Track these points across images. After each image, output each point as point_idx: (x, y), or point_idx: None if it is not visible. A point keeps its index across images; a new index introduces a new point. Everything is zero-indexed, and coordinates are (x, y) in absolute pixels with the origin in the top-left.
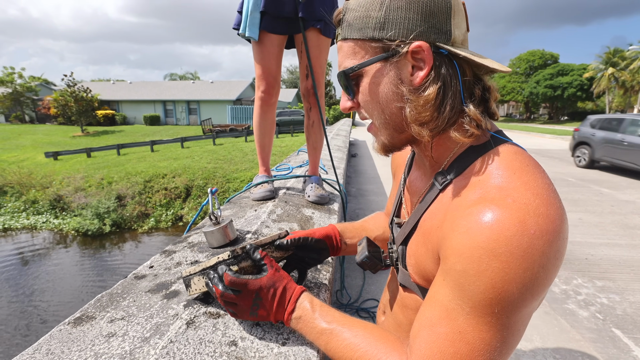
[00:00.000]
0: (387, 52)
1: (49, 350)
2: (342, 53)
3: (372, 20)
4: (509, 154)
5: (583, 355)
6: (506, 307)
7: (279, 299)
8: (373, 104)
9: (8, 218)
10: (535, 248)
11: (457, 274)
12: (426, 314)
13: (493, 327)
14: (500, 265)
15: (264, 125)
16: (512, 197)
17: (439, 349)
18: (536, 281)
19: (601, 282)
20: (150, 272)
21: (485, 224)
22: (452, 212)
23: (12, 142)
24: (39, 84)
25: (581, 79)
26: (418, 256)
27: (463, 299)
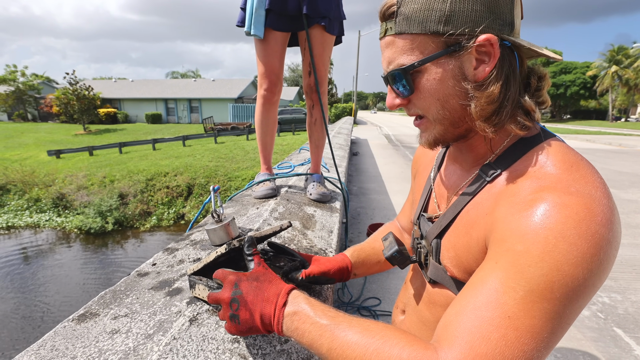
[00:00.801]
0: (452, 46)
1: (54, 346)
2: (394, 49)
3: (436, 13)
4: (562, 148)
5: (584, 354)
6: (568, 293)
7: (265, 293)
8: (432, 100)
9: (11, 216)
10: (601, 235)
11: (516, 254)
12: (467, 299)
13: (546, 314)
14: (568, 247)
15: (266, 123)
16: (575, 187)
17: (481, 334)
18: (600, 267)
19: None
20: (153, 270)
21: (553, 208)
22: (508, 198)
23: (14, 141)
24: (41, 82)
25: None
26: (458, 248)
27: (518, 282)
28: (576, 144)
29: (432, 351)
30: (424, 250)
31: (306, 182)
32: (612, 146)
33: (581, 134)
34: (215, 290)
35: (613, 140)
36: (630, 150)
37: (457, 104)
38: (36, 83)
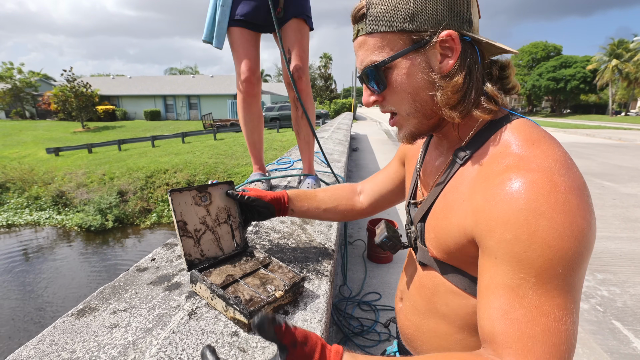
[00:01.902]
0: (418, 42)
1: (53, 341)
2: (366, 48)
3: (401, 13)
4: (525, 127)
5: (583, 347)
6: (567, 264)
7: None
8: (404, 95)
9: (11, 214)
10: (571, 202)
11: (508, 244)
12: (493, 305)
13: (563, 289)
14: (548, 223)
15: (250, 119)
16: (535, 162)
17: (526, 334)
18: (583, 232)
19: (602, 275)
20: (152, 265)
21: (520, 187)
22: (480, 184)
23: (13, 139)
24: (38, 79)
25: (584, 71)
26: (438, 230)
27: (525, 270)
28: (576, 138)
29: None
30: (413, 235)
31: (299, 185)
32: (612, 140)
33: (581, 128)
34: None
35: (613, 134)
36: (630, 145)
37: (427, 96)
38: (33, 80)
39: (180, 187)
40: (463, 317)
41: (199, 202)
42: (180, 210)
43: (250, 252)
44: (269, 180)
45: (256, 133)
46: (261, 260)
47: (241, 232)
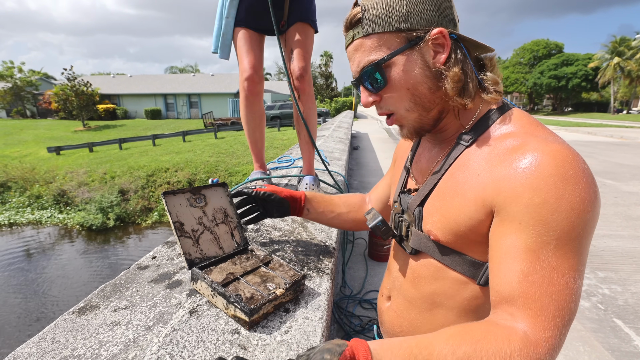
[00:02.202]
0: (413, 40)
1: (54, 338)
2: (364, 49)
3: (396, 14)
4: (524, 114)
5: (584, 345)
6: (585, 226)
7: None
8: (403, 90)
9: (13, 213)
10: (587, 170)
11: (536, 208)
12: (513, 268)
13: (577, 251)
14: (574, 187)
15: (252, 117)
16: (550, 137)
17: (545, 294)
18: (597, 198)
19: (603, 273)
20: (153, 263)
21: (546, 156)
22: (496, 158)
23: (14, 137)
24: (39, 78)
25: (586, 69)
26: (445, 209)
27: (548, 233)
28: (577, 136)
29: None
30: (405, 223)
31: (298, 185)
32: (614, 139)
33: (582, 126)
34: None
35: (615, 132)
36: (631, 143)
37: (426, 89)
38: (34, 79)
39: (173, 190)
40: (461, 302)
41: (194, 204)
42: (176, 211)
43: (251, 250)
44: (269, 179)
45: (258, 132)
46: (262, 258)
47: (240, 231)
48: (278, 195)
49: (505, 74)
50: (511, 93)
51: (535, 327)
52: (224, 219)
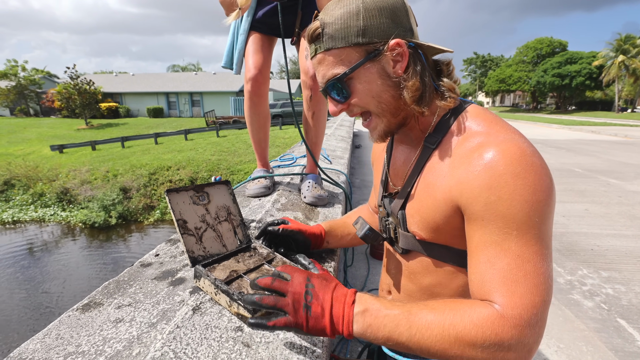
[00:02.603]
0: (371, 53)
1: (59, 335)
2: (326, 63)
3: (354, 29)
4: (479, 110)
5: (587, 345)
6: (541, 214)
7: (334, 292)
8: (369, 99)
9: (17, 211)
10: (536, 163)
11: (494, 205)
12: (482, 260)
13: (539, 238)
14: (523, 182)
15: (256, 118)
16: (502, 135)
17: (510, 279)
18: (549, 186)
19: (607, 273)
20: (156, 260)
21: (496, 156)
22: (458, 159)
23: (17, 136)
24: (42, 76)
25: (590, 67)
26: (423, 210)
27: (508, 225)
28: (581, 135)
29: (491, 309)
30: (392, 226)
31: (301, 183)
32: (618, 137)
33: (586, 125)
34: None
35: (619, 131)
36: (636, 142)
37: (390, 97)
38: (37, 78)
39: (176, 187)
40: (456, 290)
41: (197, 202)
42: (179, 209)
43: (254, 248)
44: (272, 177)
45: (262, 132)
46: (265, 256)
47: (243, 228)
48: (303, 234)
49: (508, 72)
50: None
51: (505, 306)
52: (227, 217)
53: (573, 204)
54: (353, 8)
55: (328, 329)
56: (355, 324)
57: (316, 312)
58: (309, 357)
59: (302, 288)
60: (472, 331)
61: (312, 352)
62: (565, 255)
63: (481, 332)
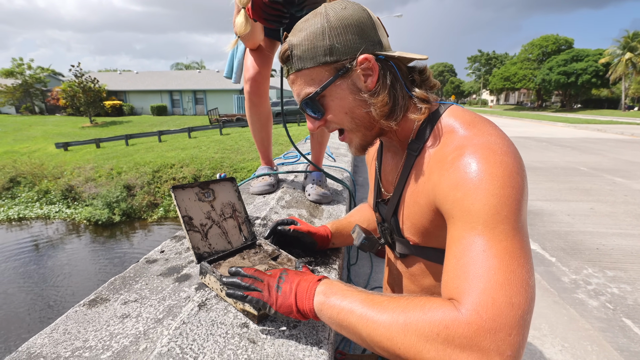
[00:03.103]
0: (340, 70)
1: (66, 330)
2: (298, 83)
3: (321, 49)
4: (459, 113)
5: (592, 344)
6: (510, 209)
7: (304, 275)
8: (342, 115)
9: (22, 208)
10: (507, 161)
11: (459, 201)
12: (449, 258)
13: (508, 233)
14: (489, 177)
15: (257, 118)
16: (476, 139)
17: (473, 274)
18: (520, 184)
19: (612, 272)
20: (162, 257)
21: (465, 158)
22: (435, 164)
23: (23, 133)
24: (47, 75)
25: (596, 65)
26: (411, 217)
27: (473, 219)
28: (586, 133)
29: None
30: (387, 231)
31: (305, 181)
32: (624, 136)
33: (592, 123)
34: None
35: (625, 129)
36: None
37: (362, 112)
38: (42, 76)
39: (182, 184)
40: None
41: (203, 198)
42: (185, 205)
43: (259, 245)
44: (276, 175)
45: (264, 131)
46: (270, 253)
47: (248, 225)
48: (311, 236)
49: (513, 70)
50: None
51: (463, 302)
52: (232, 214)
53: (578, 203)
54: (318, 28)
55: (294, 306)
56: (315, 297)
57: (285, 291)
58: (314, 353)
59: (276, 275)
60: (421, 319)
61: (318, 349)
62: (570, 254)
63: (429, 321)
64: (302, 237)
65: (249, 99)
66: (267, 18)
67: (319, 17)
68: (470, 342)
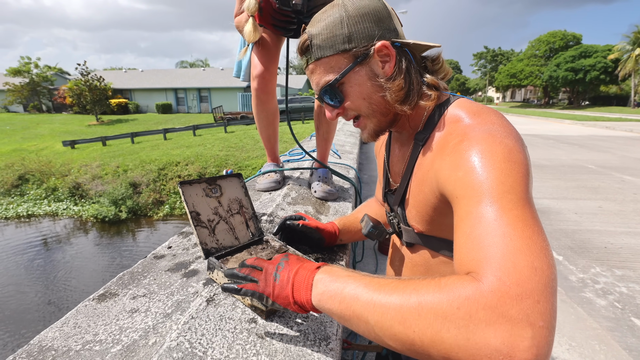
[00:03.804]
0: (359, 57)
1: (76, 324)
2: (318, 72)
3: (340, 37)
4: (466, 103)
5: (600, 343)
6: (516, 179)
7: (304, 263)
8: (360, 101)
9: (31, 205)
10: (508, 143)
11: (461, 180)
12: (459, 236)
13: (518, 203)
14: (490, 154)
15: (264, 116)
16: (479, 128)
17: (488, 243)
18: (520, 160)
19: (621, 271)
20: (169, 252)
21: (465, 142)
22: (438, 152)
23: (31, 132)
24: (54, 73)
25: (605, 61)
26: (417, 205)
27: (479, 193)
28: (594, 131)
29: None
30: (395, 220)
31: (311, 178)
32: (634, 133)
33: (600, 120)
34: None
35: (635, 127)
36: None
37: (380, 98)
38: (49, 74)
39: (189, 180)
40: None
41: (210, 194)
42: (192, 201)
43: (266, 241)
44: (282, 171)
45: (271, 128)
46: (277, 249)
47: (255, 221)
48: (318, 232)
49: (519, 66)
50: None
51: (481, 271)
52: (239, 210)
53: (586, 201)
54: (337, 17)
55: (290, 298)
56: (313, 289)
57: (282, 280)
58: (323, 348)
59: (276, 261)
60: (438, 296)
61: (327, 344)
62: (577, 252)
63: (447, 297)
64: (311, 233)
65: (257, 95)
66: (276, 24)
67: (336, 7)
68: (495, 313)
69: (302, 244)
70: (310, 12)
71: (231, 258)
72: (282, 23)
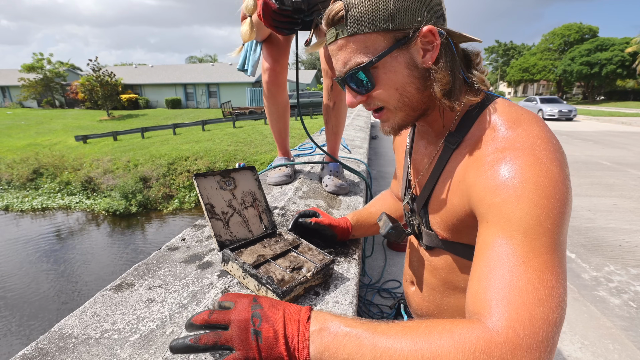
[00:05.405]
0: (401, 40)
1: (95, 312)
2: (348, 50)
3: (383, 13)
4: (505, 107)
5: (614, 342)
6: (554, 222)
7: (286, 309)
8: (391, 91)
9: (45, 198)
10: (553, 170)
11: (497, 207)
12: (481, 266)
13: (550, 247)
14: (533, 186)
15: (275, 109)
16: (519, 142)
17: (511, 287)
18: (565, 195)
19: (636, 270)
20: (183, 245)
21: (507, 163)
22: (472, 164)
23: (45, 127)
24: (66, 69)
25: (622, 55)
26: (442, 213)
27: (513, 227)
28: (609, 126)
29: (478, 323)
30: (415, 223)
31: (322, 172)
32: None
33: (616, 115)
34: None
35: None
36: None
37: (414, 90)
38: (62, 70)
39: (204, 172)
40: None
41: (224, 187)
42: (207, 193)
43: (279, 234)
44: (293, 165)
45: (282, 122)
46: (291, 242)
47: (268, 214)
48: (332, 229)
49: (532, 60)
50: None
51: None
52: (253, 203)
53: (600, 198)
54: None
55: (285, 356)
56: (311, 345)
57: (268, 337)
58: None
59: (247, 312)
60: (452, 350)
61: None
62: (591, 250)
63: (463, 350)
64: (324, 230)
65: (268, 89)
66: (278, 26)
67: None
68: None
69: (315, 238)
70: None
71: (245, 250)
72: (283, 24)
